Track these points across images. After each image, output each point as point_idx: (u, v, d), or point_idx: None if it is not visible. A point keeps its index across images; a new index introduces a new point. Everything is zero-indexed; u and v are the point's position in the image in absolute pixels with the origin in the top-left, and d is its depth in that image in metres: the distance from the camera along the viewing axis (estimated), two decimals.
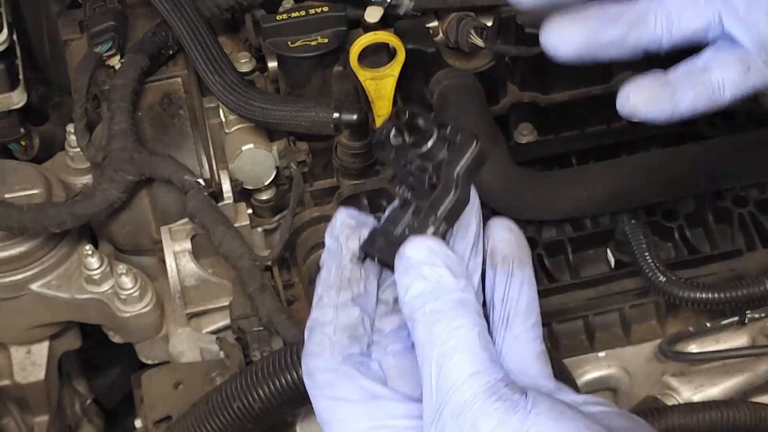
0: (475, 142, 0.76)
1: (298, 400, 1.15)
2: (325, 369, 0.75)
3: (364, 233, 0.79)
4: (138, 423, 1.39)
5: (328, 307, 0.77)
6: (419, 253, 0.73)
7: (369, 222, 0.80)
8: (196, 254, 1.40)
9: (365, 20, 1.39)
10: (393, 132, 0.79)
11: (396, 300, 0.78)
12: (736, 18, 0.80)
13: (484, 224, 0.79)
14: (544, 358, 0.78)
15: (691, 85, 0.82)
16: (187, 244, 1.39)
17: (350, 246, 0.78)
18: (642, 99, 0.82)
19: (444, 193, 0.75)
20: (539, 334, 0.78)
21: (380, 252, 0.77)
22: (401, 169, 0.78)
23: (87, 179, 1.54)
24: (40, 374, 1.56)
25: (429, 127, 0.76)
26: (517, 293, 0.77)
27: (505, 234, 0.78)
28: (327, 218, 1.37)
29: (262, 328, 1.30)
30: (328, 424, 0.74)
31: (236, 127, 1.41)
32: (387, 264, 0.76)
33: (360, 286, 0.78)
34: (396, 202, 0.78)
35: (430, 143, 0.76)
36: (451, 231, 0.77)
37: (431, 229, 0.75)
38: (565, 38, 0.80)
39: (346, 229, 0.79)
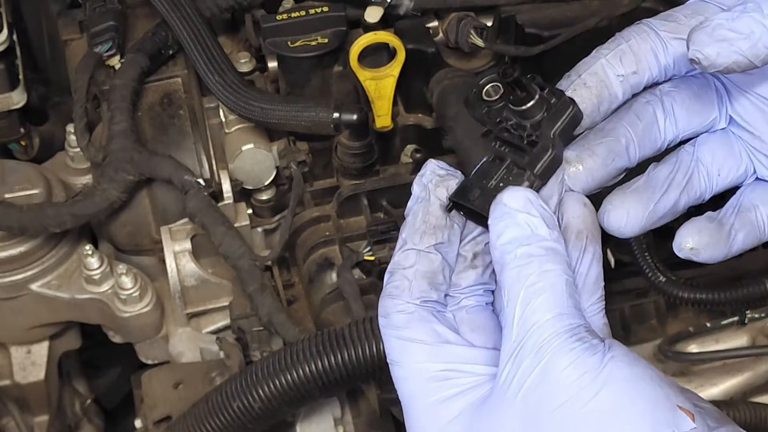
0: (572, 106, 0.79)
1: (298, 400, 1.15)
2: (401, 310, 0.76)
3: (452, 185, 0.80)
4: (138, 423, 1.39)
5: (410, 251, 0.78)
6: (516, 201, 0.75)
7: (457, 175, 0.81)
8: (196, 254, 1.40)
9: (365, 20, 1.39)
10: (486, 89, 0.81)
11: (475, 256, 0.80)
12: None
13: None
14: (608, 331, 0.80)
15: (741, 225, 0.86)
16: (187, 244, 1.39)
17: (438, 194, 0.80)
18: (702, 243, 0.86)
19: (542, 151, 0.78)
20: (601, 306, 0.80)
21: (473, 202, 0.79)
22: (496, 126, 0.80)
23: (87, 179, 1.54)
24: (40, 374, 1.56)
25: (531, 87, 0.79)
26: (587, 268, 0.79)
27: (579, 209, 0.80)
28: (327, 218, 1.37)
29: (262, 328, 1.30)
30: (398, 364, 0.76)
31: (236, 127, 1.41)
32: (478, 214, 0.78)
33: (444, 235, 0.79)
34: (486, 158, 0.80)
35: (531, 102, 0.78)
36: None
37: (527, 183, 0.77)
38: (628, 218, 0.85)
39: (435, 178, 0.81)
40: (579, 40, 1.41)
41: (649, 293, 1.33)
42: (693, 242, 0.85)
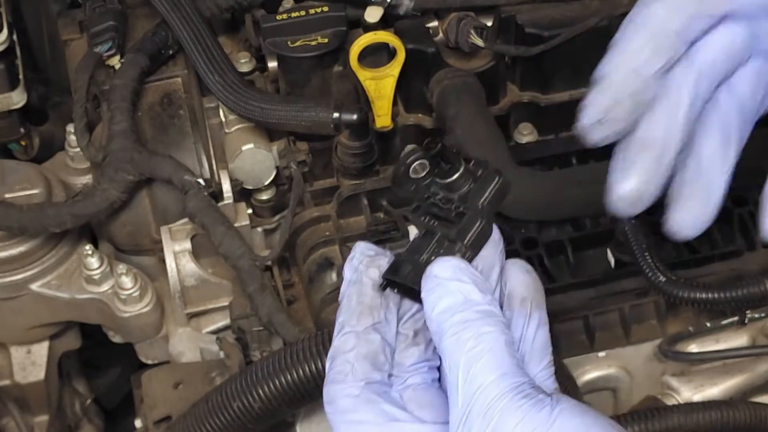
0: (498, 176, 0.81)
1: (298, 400, 1.15)
2: (346, 395, 0.76)
3: (383, 264, 0.81)
4: (138, 423, 1.39)
5: (349, 334, 0.78)
6: (446, 271, 0.75)
7: (387, 254, 0.82)
8: (196, 254, 1.40)
9: (365, 20, 1.39)
10: (413, 167, 0.82)
11: (416, 333, 0.80)
12: None
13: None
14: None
15: None
16: (187, 244, 1.39)
17: (370, 275, 0.80)
18: None
19: (471, 222, 0.79)
20: (552, 372, 0.80)
21: (405, 277, 0.79)
22: (424, 201, 0.81)
23: (87, 179, 1.54)
24: (40, 374, 1.56)
25: (456, 159, 0.80)
26: (534, 333, 0.79)
27: (523, 277, 0.80)
28: (327, 218, 1.38)
29: (261, 328, 1.30)
30: None
31: (236, 127, 1.41)
32: (411, 289, 0.79)
33: (381, 314, 0.79)
34: (417, 233, 0.81)
35: (456, 174, 0.80)
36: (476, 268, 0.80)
37: (458, 255, 0.78)
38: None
39: (365, 259, 0.81)
40: (579, 40, 1.41)
41: (649, 293, 1.33)
42: None
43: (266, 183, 1.41)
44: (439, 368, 0.80)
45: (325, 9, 1.39)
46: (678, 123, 0.79)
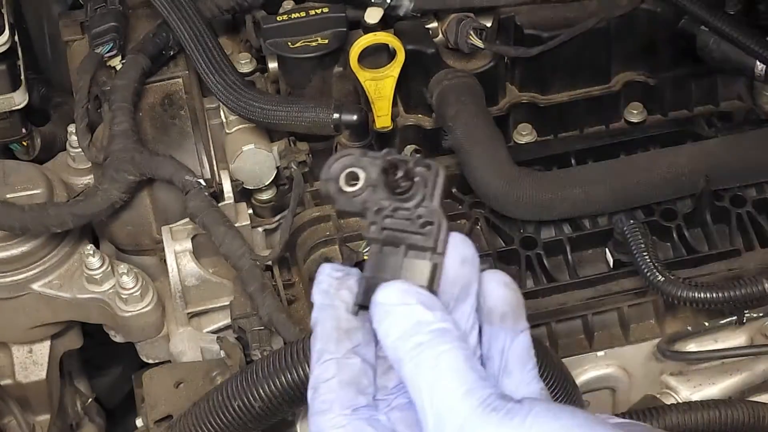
0: (440, 171, 0.76)
1: (298, 400, 1.15)
2: (334, 425, 0.75)
3: (352, 284, 0.78)
4: (139, 422, 1.40)
5: (329, 362, 0.77)
6: (391, 296, 0.73)
7: (353, 272, 0.79)
8: (196, 254, 1.40)
9: (365, 21, 1.39)
10: (345, 177, 0.77)
11: None
12: None
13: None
14: (546, 394, 0.80)
15: None
16: (188, 244, 1.39)
17: (342, 297, 0.78)
18: None
19: (438, 229, 0.75)
20: (536, 374, 0.79)
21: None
22: (377, 215, 0.76)
23: (88, 179, 1.54)
24: (41, 374, 1.56)
25: (407, 166, 0.76)
26: (513, 344, 0.78)
27: (501, 291, 0.78)
28: (327, 218, 1.38)
29: (262, 328, 1.30)
30: None
31: (237, 128, 1.41)
32: None
33: (358, 336, 0.77)
34: (375, 250, 0.77)
35: (413, 184, 0.76)
36: (453, 293, 0.77)
37: (430, 265, 0.75)
38: None
39: (334, 282, 0.79)
40: (578, 40, 1.41)
41: (647, 293, 1.33)
42: None
43: (267, 183, 1.42)
44: None
45: (326, 10, 1.39)
46: None
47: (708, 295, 1.28)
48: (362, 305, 0.76)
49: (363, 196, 0.76)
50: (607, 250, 1.37)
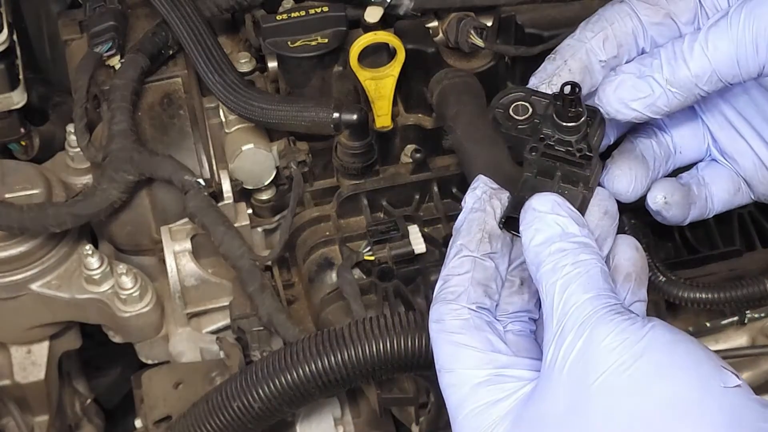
0: (603, 121, 0.82)
1: (298, 400, 1.15)
2: (457, 315, 0.78)
3: (504, 199, 0.83)
4: (138, 423, 1.39)
5: (466, 258, 0.81)
6: (545, 204, 0.78)
7: (504, 192, 0.84)
8: (196, 254, 1.40)
9: (365, 20, 1.39)
10: (516, 107, 0.84)
11: (522, 282, 0.83)
12: (721, 154, 0.93)
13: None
14: None
15: (696, 197, 0.92)
16: (187, 244, 1.39)
17: (493, 205, 0.83)
18: (673, 200, 0.91)
19: (596, 165, 0.81)
20: None
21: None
22: (540, 142, 0.82)
23: (87, 179, 1.54)
24: (40, 374, 1.56)
25: (577, 104, 0.81)
26: (630, 308, 0.80)
27: (631, 253, 0.83)
28: (327, 218, 1.38)
29: (262, 328, 1.30)
30: (448, 372, 0.77)
31: (236, 127, 1.41)
32: None
33: (498, 245, 0.82)
34: (529, 174, 0.82)
35: (582, 119, 0.81)
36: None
37: (581, 196, 0.80)
38: (635, 183, 0.89)
39: (489, 190, 0.84)
40: None
41: (648, 293, 1.33)
42: (668, 197, 0.90)
43: (266, 183, 1.41)
44: (536, 321, 0.82)
45: (325, 9, 1.39)
46: None
47: (709, 295, 1.28)
48: (511, 216, 0.81)
49: (529, 126, 0.83)
50: None
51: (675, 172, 0.94)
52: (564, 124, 0.81)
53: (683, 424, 0.67)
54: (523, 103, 0.84)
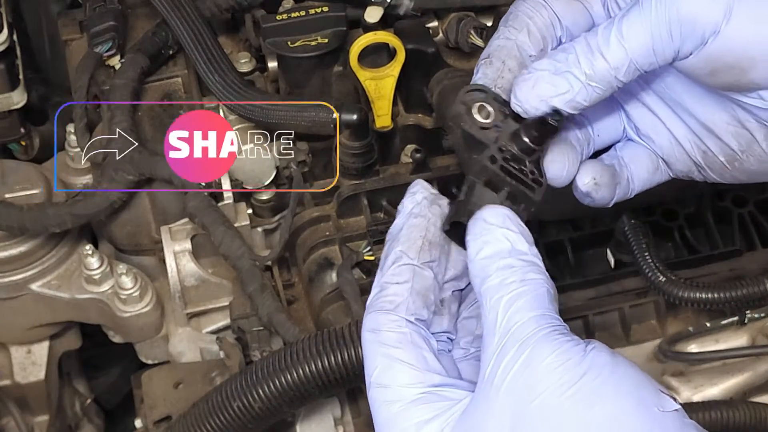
0: (554, 133, 0.81)
1: (298, 400, 1.15)
2: (393, 328, 0.76)
3: (444, 204, 0.82)
4: (138, 423, 1.39)
5: (405, 266, 0.79)
6: (496, 218, 0.77)
7: (443, 198, 0.83)
8: (196, 254, 1.40)
9: (365, 20, 1.39)
10: (478, 108, 0.83)
11: (442, 302, 0.81)
12: (637, 134, 0.93)
13: None
14: None
15: (620, 177, 0.92)
16: (187, 244, 1.39)
17: (434, 211, 0.82)
18: (602, 182, 0.90)
19: (542, 191, 0.81)
20: None
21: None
22: (499, 152, 0.81)
23: (87, 179, 1.54)
24: (40, 374, 1.56)
25: (544, 129, 0.81)
26: None
27: None
28: (327, 218, 1.37)
29: (262, 328, 1.30)
30: (379, 386, 0.75)
31: (236, 127, 1.41)
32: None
33: (437, 253, 0.80)
34: (475, 180, 0.80)
35: (542, 145, 0.81)
36: None
37: (524, 216, 0.79)
38: (568, 168, 0.87)
39: (430, 195, 0.83)
40: None
41: (648, 293, 1.33)
42: (597, 178, 0.89)
43: (266, 183, 1.41)
44: (452, 341, 0.82)
45: (325, 9, 1.39)
46: None
47: (709, 295, 1.28)
48: (456, 221, 0.79)
49: (490, 132, 0.82)
50: (608, 250, 1.37)
51: (594, 155, 0.93)
52: (528, 144, 0.80)
53: None
54: (484, 105, 0.83)
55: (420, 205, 0.82)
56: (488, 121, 0.82)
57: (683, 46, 0.78)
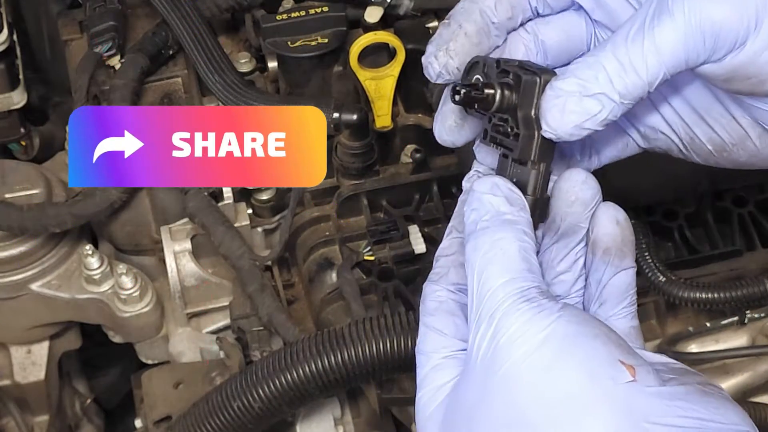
0: (538, 79, 0.78)
1: (298, 400, 1.15)
2: (435, 297, 0.79)
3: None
4: (138, 423, 1.39)
5: (455, 239, 0.81)
6: (484, 186, 0.78)
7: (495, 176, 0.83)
8: (196, 254, 1.40)
9: (365, 20, 1.39)
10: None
11: None
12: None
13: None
14: (635, 333, 0.82)
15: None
16: (187, 244, 1.39)
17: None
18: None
19: (528, 138, 0.78)
20: (631, 311, 0.82)
21: None
22: (489, 125, 0.81)
23: None
24: (40, 374, 1.56)
25: (489, 85, 0.79)
26: (612, 279, 0.81)
27: (610, 228, 0.80)
28: (327, 218, 1.37)
29: (262, 328, 1.30)
30: (418, 352, 0.78)
31: None
32: None
33: None
34: (500, 154, 0.81)
35: (497, 100, 0.78)
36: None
37: (534, 173, 0.78)
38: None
39: (479, 172, 0.85)
40: None
41: (648, 293, 1.33)
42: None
43: None
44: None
45: (325, 9, 1.39)
46: None
47: (709, 295, 1.28)
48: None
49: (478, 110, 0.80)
50: None
51: None
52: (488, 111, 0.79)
53: (568, 421, 0.67)
54: (478, 76, 0.81)
55: (470, 180, 0.85)
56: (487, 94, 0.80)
57: (713, 54, 0.76)
